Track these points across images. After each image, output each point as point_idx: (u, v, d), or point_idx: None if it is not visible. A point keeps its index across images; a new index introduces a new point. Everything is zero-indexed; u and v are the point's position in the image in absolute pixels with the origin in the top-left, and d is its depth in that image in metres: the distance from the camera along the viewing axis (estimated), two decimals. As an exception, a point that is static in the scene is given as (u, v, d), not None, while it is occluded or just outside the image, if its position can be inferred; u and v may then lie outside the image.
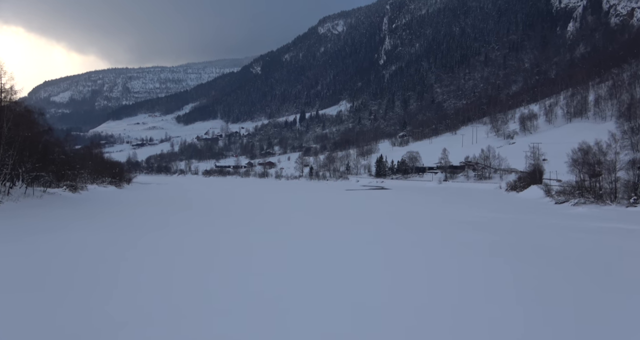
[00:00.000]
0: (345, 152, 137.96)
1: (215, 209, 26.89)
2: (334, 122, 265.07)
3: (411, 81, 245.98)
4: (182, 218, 20.24)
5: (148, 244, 12.39)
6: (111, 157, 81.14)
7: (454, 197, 46.26)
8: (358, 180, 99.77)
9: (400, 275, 8.93)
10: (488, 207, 30.51)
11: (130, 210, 24.84)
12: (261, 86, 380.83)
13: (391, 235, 14.96)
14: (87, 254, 10.67)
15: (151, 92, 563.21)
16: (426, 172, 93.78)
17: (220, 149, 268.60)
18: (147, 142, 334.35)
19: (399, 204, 35.49)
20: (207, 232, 15.09)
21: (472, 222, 20.20)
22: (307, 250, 11.60)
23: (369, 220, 20.83)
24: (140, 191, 50.09)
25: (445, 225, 18.51)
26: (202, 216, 20.82)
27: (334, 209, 28.30)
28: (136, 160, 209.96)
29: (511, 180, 55.28)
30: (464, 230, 16.88)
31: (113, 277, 8.41)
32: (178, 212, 23.26)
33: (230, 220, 19.46)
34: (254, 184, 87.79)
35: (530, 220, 21.51)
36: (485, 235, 15.18)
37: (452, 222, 19.82)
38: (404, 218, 22.40)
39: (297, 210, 26.64)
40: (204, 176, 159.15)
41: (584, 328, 6.14)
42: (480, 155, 78.53)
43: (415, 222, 20.45)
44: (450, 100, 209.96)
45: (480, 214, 24.59)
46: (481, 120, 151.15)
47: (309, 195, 48.97)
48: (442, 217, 22.96)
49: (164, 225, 17.32)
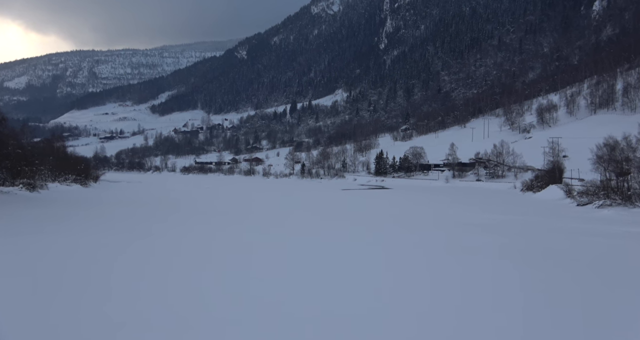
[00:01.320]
0: (341, 147, 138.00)
1: (194, 212, 26.85)
2: (329, 114, 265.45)
3: (415, 68, 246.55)
4: (154, 221, 20.21)
5: (122, 249, 12.38)
6: (76, 152, 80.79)
7: (462, 197, 46.49)
8: (355, 178, 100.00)
9: (402, 279, 9.32)
10: (500, 209, 30.73)
11: (96, 211, 24.77)
12: (247, 73, 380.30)
13: (392, 238, 15.48)
14: (47, 261, 10.67)
15: (121, 78, 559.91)
16: (432, 169, 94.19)
17: (201, 143, 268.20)
18: (117, 135, 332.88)
19: (401, 204, 35.65)
20: (189, 240, 15.03)
21: (480, 224, 20.40)
22: (303, 253, 11.95)
23: (368, 222, 21.06)
24: (109, 190, 49.92)
25: (450, 228, 18.72)
26: (177, 223, 20.76)
27: (329, 210, 28.39)
28: (105, 156, 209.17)
29: (527, 179, 55.65)
30: (471, 233, 17.09)
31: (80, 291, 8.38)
32: (150, 214, 23.19)
33: (211, 226, 19.45)
34: (238, 183, 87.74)
35: (548, 223, 21.71)
36: (494, 238, 15.39)
37: (458, 225, 20.02)
38: (405, 220, 22.67)
39: (288, 212, 26.68)
40: (182, 173, 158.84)
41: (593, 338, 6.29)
42: (493, 151, 78.89)
43: (418, 224, 20.71)
44: (459, 89, 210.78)
45: (491, 216, 24.79)
46: (494, 111, 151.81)
47: (300, 194, 49.08)
48: (448, 219, 23.15)
49: (131, 229, 17.31)
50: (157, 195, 43.95)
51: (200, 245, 12.99)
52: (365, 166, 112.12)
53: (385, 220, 22.14)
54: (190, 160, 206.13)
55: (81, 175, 54.34)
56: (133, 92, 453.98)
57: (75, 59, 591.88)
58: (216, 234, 15.21)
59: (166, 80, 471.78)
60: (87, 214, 22.51)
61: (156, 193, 47.86)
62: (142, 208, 27.74)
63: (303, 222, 18.03)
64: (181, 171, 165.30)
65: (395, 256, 11.86)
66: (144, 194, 44.73)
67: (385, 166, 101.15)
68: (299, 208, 28.75)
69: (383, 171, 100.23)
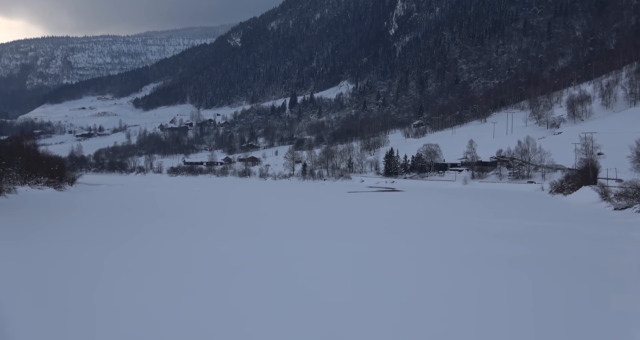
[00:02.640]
0: (346, 145, 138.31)
1: (181, 218, 26.87)
2: (333, 108, 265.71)
3: (429, 56, 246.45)
4: (133, 232, 20.20)
5: (94, 272, 12.33)
6: (49, 151, 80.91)
7: (482, 200, 46.48)
8: (363, 180, 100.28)
9: (407, 295, 9.37)
10: (525, 214, 30.59)
11: (70, 217, 24.77)
12: (241, 62, 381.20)
13: (397, 246, 15.60)
14: (26, 275, 10.62)
15: (100, 68, 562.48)
16: (448, 169, 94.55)
17: (190, 141, 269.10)
18: (95, 132, 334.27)
19: (414, 208, 35.59)
20: (163, 261, 14.85)
21: (506, 233, 20.24)
22: (300, 287, 11.36)
23: (376, 231, 20.98)
24: (87, 194, 49.93)
25: (464, 235, 18.63)
26: (154, 235, 20.77)
27: (331, 218, 28.31)
28: (82, 155, 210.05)
29: (556, 179, 55.57)
30: (496, 243, 16.96)
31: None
32: (129, 223, 23.18)
33: (190, 239, 19.40)
34: (232, 185, 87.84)
35: (579, 230, 21.51)
36: (513, 248, 15.25)
37: (482, 233, 19.88)
38: (419, 226, 22.63)
39: (284, 223, 26.64)
40: (169, 175, 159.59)
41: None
42: (517, 149, 78.96)
43: (433, 231, 20.64)
44: (478, 79, 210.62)
45: (513, 222, 24.65)
46: (518, 104, 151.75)
47: (300, 199, 48.93)
48: (463, 225, 23.02)
49: (106, 240, 17.29)
50: (140, 200, 43.96)
51: (174, 266, 12.16)
52: (373, 166, 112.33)
53: (396, 228, 21.99)
54: (178, 160, 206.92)
55: (55, 178, 54.34)
56: (113, 84, 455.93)
57: (47, 46, 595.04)
58: (194, 252, 14.18)
59: (151, 70, 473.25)
60: (59, 223, 22.46)
61: (139, 197, 47.84)
62: (122, 216, 27.71)
63: (301, 238, 17.69)
64: (168, 172, 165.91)
65: (399, 268, 11.70)
66: (126, 199, 44.73)
67: (396, 166, 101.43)
68: (297, 218, 28.53)
69: (393, 171, 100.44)
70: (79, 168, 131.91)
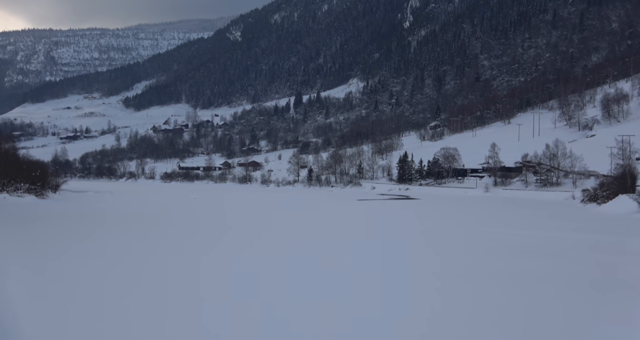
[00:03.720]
0: (356, 148, 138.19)
1: (173, 231, 26.77)
2: (342, 108, 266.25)
3: (448, 51, 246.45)
4: (119, 249, 20.08)
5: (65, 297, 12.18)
6: (30, 155, 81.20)
7: (505, 210, 46.28)
8: (374, 186, 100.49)
9: (429, 317, 9.42)
10: (552, 224, 30.23)
11: (51, 229, 24.65)
12: (242, 58, 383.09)
13: (417, 261, 15.62)
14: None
15: (87, 64, 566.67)
16: (468, 176, 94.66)
17: (186, 144, 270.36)
18: (81, 134, 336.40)
19: (428, 218, 35.34)
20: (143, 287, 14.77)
21: (529, 246, 19.96)
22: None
23: (390, 241, 20.91)
24: (71, 203, 49.91)
25: (488, 249, 18.46)
26: (140, 255, 20.64)
27: (342, 231, 28.12)
28: (67, 160, 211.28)
29: (589, 187, 55.13)
30: (514, 256, 16.76)
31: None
32: (119, 239, 23.05)
33: (182, 261, 19.24)
34: (231, 193, 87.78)
35: (614, 243, 21.15)
36: (543, 264, 15.03)
37: (498, 243, 19.65)
38: (432, 238, 22.58)
39: (290, 234, 26.51)
40: (163, 181, 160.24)
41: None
42: (545, 153, 78.62)
43: (448, 242, 20.53)
44: (502, 76, 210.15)
45: (542, 235, 24.36)
46: (546, 104, 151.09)
47: (306, 210, 48.77)
48: (487, 238, 22.81)
49: (89, 256, 17.15)
50: (130, 208, 43.90)
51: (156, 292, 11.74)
52: (385, 171, 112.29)
53: (414, 241, 21.93)
54: (172, 164, 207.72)
55: (37, 184, 54.47)
56: (101, 82, 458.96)
57: (28, 40, 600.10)
58: (178, 278, 13.10)
59: (142, 67, 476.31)
60: (37, 235, 22.32)
61: (129, 206, 47.81)
62: (106, 227, 27.61)
63: (306, 260, 17.22)
64: (161, 178, 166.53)
65: (406, 281, 11.76)
66: (114, 208, 44.69)
67: (411, 172, 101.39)
68: (302, 232, 28.20)
69: (407, 178, 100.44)
70: (64, 173, 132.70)
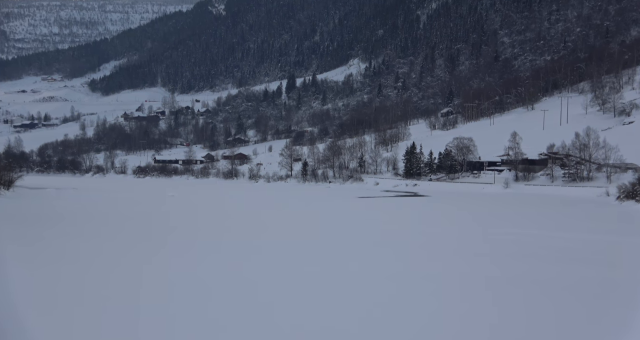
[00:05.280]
0: (357, 139, 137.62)
1: (146, 235, 26.46)
2: (341, 93, 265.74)
3: (462, 26, 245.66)
4: (74, 258, 19.69)
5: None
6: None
7: (527, 209, 46.01)
8: (378, 182, 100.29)
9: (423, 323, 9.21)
10: (583, 225, 30.13)
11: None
12: (226, 35, 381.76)
13: (412, 264, 15.94)
14: None
15: (45, 41, 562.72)
16: (484, 169, 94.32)
17: (163, 134, 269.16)
18: (40, 121, 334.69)
19: (442, 218, 35.24)
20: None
21: (559, 250, 19.62)
22: None
23: (399, 246, 20.80)
24: (27, 201, 49.39)
25: (514, 254, 18.20)
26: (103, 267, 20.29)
27: (341, 235, 27.92)
28: (22, 151, 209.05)
29: (626, 182, 54.75)
30: (543, 262, 16.61)
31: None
32: (80, 244, 22.60)
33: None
34: (214, 189, 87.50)
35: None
36: (575, 271, 14.77)
37: (525, 247, 19.32)
38: (446, 240, 22.30)
39: (282, 240, 26.24)
40: (136, 176, 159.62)
41: None
42: (574, 143, 78.28)
43: (467, 246, 20.24)
44: (524, 55, 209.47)
45: (566, 235, 24.15)
46: (576, 86, 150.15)
47: (300, 208, 48.56)
48: (511, 240, 22.46)
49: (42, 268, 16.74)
50: (96, 208, 43.47)
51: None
52: (390, 165, 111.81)
53: (427, 244, 21.72)
54: (147, 157, 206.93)
55: (-12, 180, 54.01)
56: (63, 62, 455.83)
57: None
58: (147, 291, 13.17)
59: (111, 45, 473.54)
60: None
61: (96, 205, 47.36)
62: (65, 231, 27.17)
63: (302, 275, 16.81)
64: (134, 173, 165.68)
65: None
66: (78, 207, 44.19)
67: (419, 165, 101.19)
68: (296, 238, 27.72)
69: (416, 172, 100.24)
70: (19, 167, 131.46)
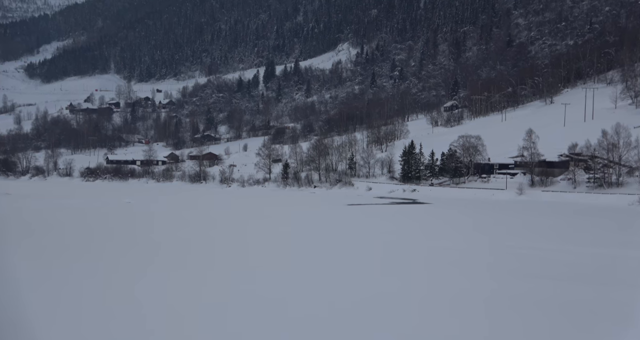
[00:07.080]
0: (347, 136, 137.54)
1: (88, 251, 25.83)
2: (328, 83, 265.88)
3: (469, 6, 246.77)
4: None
5: None
6: None
7: (544, 219, 45.92)
8: (371, 187, 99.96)
9: None
10: (610, 239, 30.17)
11: None
12: (193, 14, 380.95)
13: (416, 284, 16.44)
14: None
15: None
16: (495, 173, 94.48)
17: (117, 129, 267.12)
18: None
19: (447, 230, 34.93)
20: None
21: (588, 269, 19.15)
22: None
23: (395, 269, 20.99)
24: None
25: (534, 272, 17.91)
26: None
27: (326, 255, 27.59)
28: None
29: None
30: (567, 282, 16.45)
31: None
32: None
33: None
34: (178, 195, 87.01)
35: None
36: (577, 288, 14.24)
37: (549, 264, 18.83)
38: (439, 257, 22.49)
39: (251, 259, 25.78)
40: (84, 179, 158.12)
41: None
42: (601, 143, 78.41)
43: (458, 262, 19.68)
44: (543, 39, 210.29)
45: (590, 251, 24.10)
46: (603, 76, 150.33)
47: (280, 219, 48.28)
48: (512, 255, 21.95)
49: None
50: (32, 217, 42.77)
51: None
52: (386, 167, 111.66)
53: (428, 265, 21.92)
54: (98, 157, 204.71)
55: None
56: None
57: None
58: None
59: (53, 22, 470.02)
60: None
61: (33, 214, 46.61)
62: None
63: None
64: (82, 175, 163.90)
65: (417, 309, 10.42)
66: (11, 217, 43.55)
67: (419, 167, 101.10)
68: (270, 256, 27.36)
69: (415, 175, 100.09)
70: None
